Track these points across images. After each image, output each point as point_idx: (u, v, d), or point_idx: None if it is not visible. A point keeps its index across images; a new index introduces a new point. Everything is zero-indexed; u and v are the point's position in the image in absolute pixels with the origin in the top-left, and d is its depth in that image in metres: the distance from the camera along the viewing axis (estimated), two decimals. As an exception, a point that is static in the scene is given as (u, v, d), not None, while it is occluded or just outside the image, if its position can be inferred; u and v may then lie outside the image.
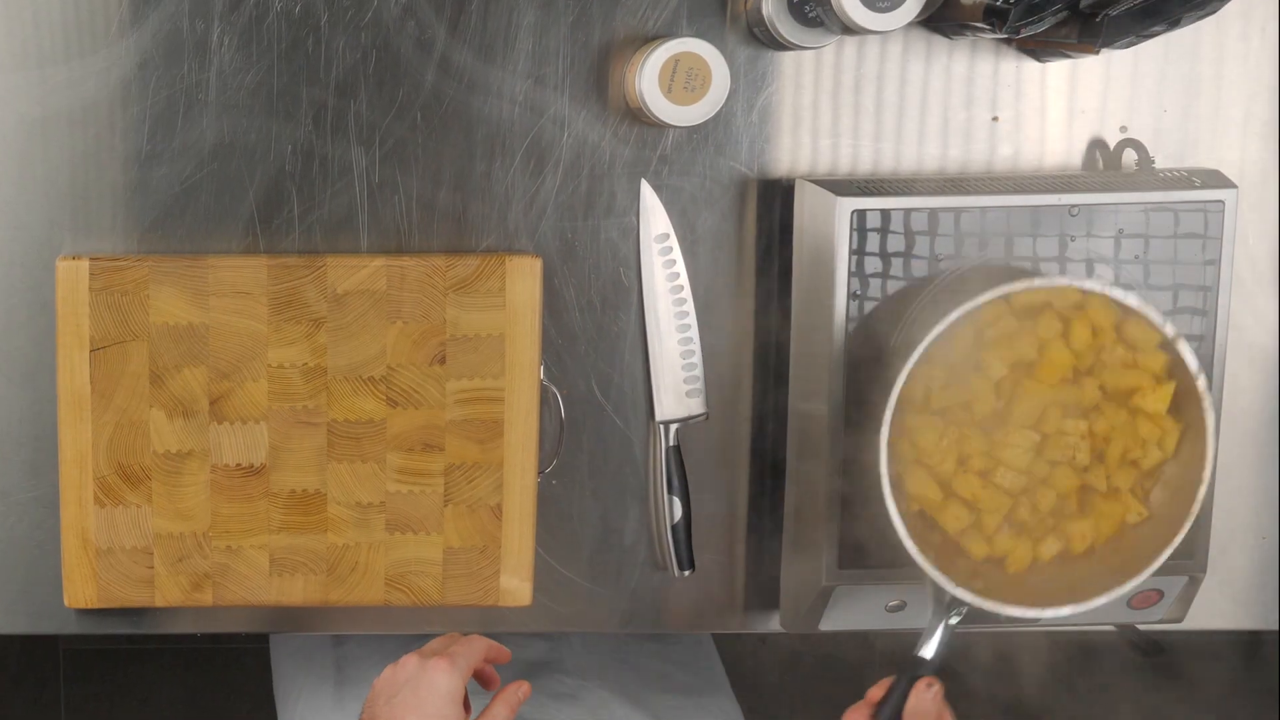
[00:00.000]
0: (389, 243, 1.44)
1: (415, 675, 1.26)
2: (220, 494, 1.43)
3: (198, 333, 1.41)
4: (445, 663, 1.27)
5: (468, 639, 1.30)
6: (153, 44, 1.40)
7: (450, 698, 1.26)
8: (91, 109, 1.41)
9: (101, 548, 1.43)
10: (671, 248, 1.46)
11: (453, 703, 1.26)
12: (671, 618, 1.51)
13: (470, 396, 1.43)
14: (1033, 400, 1.33)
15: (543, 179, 1.44)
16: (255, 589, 1.45)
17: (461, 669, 1.27)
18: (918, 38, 1.45)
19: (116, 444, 1.42)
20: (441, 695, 1.25)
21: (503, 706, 1.30)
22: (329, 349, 1.42)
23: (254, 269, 1.41)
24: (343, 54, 1.41)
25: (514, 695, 1.31)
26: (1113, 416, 1.34)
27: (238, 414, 1.42)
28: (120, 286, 1.40)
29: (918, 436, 1.33)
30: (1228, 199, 1.40)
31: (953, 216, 1.38)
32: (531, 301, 1.42)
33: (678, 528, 1.47)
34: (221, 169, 1.42)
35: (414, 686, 1.26)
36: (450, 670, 1.26)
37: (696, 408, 1.47)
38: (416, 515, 1.45)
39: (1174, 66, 1.47)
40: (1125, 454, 1.34)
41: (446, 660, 1.27)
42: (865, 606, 1.44)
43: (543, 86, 1.43)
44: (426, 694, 1.25)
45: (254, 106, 1.41)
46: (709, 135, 1.45)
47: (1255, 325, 1.51)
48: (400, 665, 1.28)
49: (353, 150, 1.42)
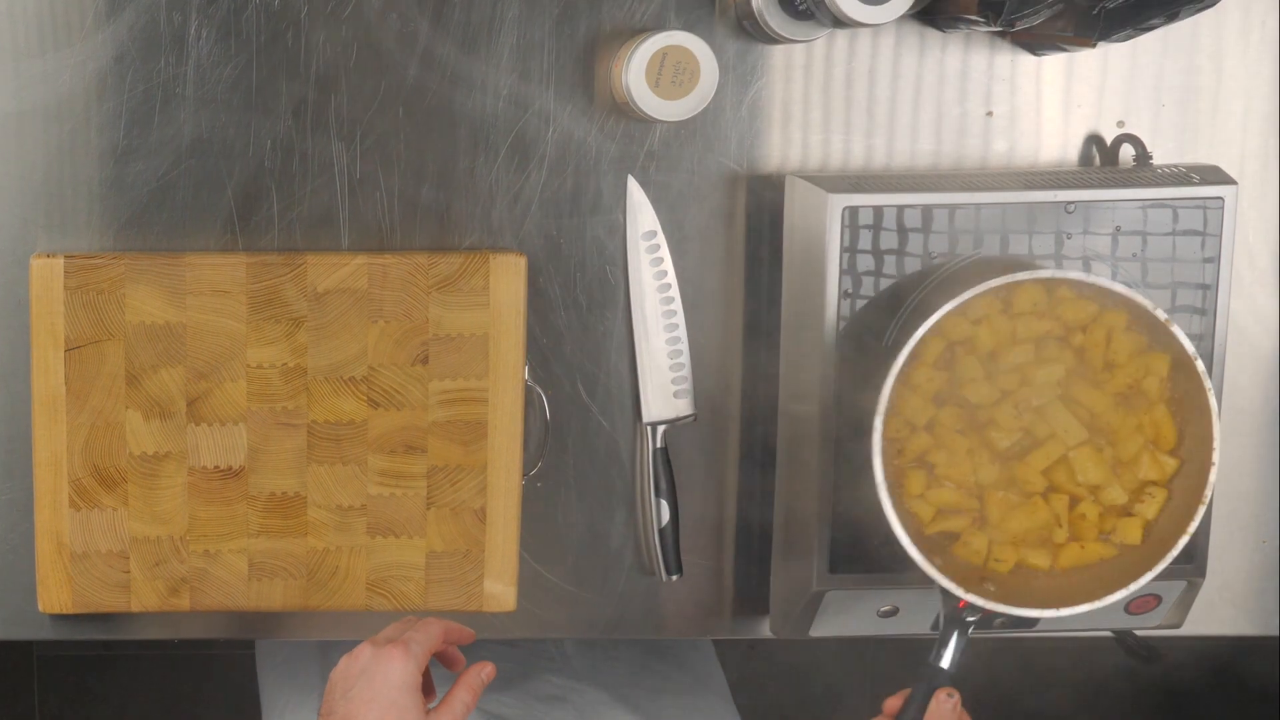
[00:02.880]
0: (370, 240, 1.43)
1: (369, 665, 1.24)
2: (198, 497, 1.42)
3: (175, 332, 1.40)
4: (399, 650, 1.24)
5: (423, 622, 1.29)
6: (129, 37, 1.39)
7: (405, 686, 1.23)
8: (67, 103, 1.40)
9: (76, 552, 1.42)
10: (659, 245, 1.45)
11: (409, 691, 1.23)
12: (659, 623, 1.50)
13: (453, 397, 1.42)
14: (1032, 397, 1.32)
15: (527, 175, 1.43)
16: (234, 594, 1.44)
17: (417, 655, 1.25)
18: (910, 31, 1.44)
19: (92, 446, 1.41)
20: (396, 685, 1.23)
21: (464, 691, 1.28)
22: (309, 349, 1.41)
23: (232, 267, 1.40)
24: (323, 47, 1.40)
25: (476, 678, 1.29)
26: (1116, 413, 1.33)
27: (216, 415, 1.41)
28: (96, 285, 1.39)
29: (913, 438, 1.32)
30: (1227, 195, 1.39)
31: (946, 213, 1.37)
32: (516, 300, 1.41)
33: (665, 531, 1.46)
34: (199, 165, 1.41)
35: (369, 677, 1.24)
36: (405, 658, 1.24)
37: (684, 409, 1.47)
38: (398, 518, 1.44)
39: (1172, 60, 1.47)
40: (1129, 451, 1.33)
41: (400, 648, 1.25)
42: (857, 612, 1.43)
43: (527, 81, 1.42)
44: (381, 684, 1.23)
45: (232, 101, 1.41)
46: (697, 130, 1.44)
47: (1255, 325, 1.50)
48: (354, 655, 1.26)
49: (333, 146, 1.42)
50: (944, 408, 1.32)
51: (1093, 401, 1.33)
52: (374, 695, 1.23)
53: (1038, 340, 1.32)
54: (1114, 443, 1.34)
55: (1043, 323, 1.32)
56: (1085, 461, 1.33)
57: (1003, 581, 1.34)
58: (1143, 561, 1.33)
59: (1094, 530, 1.34)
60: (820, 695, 2.43)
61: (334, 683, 1.26)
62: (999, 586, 1.33)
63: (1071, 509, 1.34)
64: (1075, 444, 1.33)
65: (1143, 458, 1.34)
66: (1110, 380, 1.33)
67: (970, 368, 1.32)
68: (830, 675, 2.42)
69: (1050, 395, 1.32)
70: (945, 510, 1.34)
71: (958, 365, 1.32)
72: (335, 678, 1.26)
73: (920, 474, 1.33)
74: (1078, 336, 1.32)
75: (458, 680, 1.29)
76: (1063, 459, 1.33)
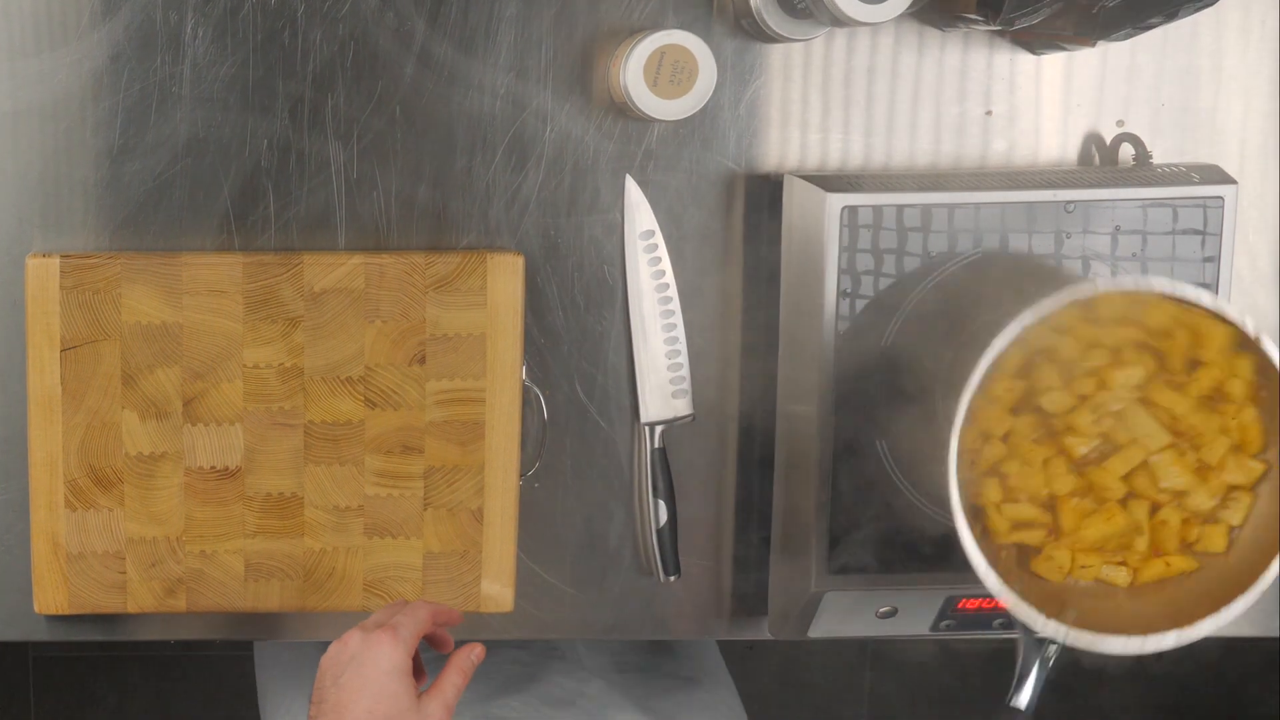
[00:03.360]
0: (367, 240, 1.43)
1: (359, 652, 1.23)
2: (194, 497, 1.41)
3: (171, 332, 1.39)
4: (388, 635, 1.24)
5: (411, 606, 1.28)
6: (125, 36, 1.39)
7: (395, 672, 1.22)
8: (63, 103, 1.40)
9: (72, 552, 1.41)
10: (657, 245, 1.44)
11: (399, 676, 1.22)
12: (657, 624, 1.50)
13: (451, 397, 1.42)
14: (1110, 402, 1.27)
15: (525, 175, 1.43)
16: (230, 595, 1.43)
17: (406, 639, 1.24)
18: (909, 30, 1.44)
19: (88, 446, 1.40)
20: (386, 670, 1.22)
21: (455, 673, 1.27)
22: (306, 349, 1.40)
23: (229, 267, 1.39)
24: (320, 46, 1.40)
25: (466, 659, 1.28)
26: (1198, 416, 1.28)
27: (212, 415, 1.41)
28: (92, 285, 1.38)
29: (986, 448, 1.28)
30: (1227, 195, 1.38)
31: (946, 213, 1.37)
32: (513, 300, 1.41)
33: (663, 532, 1.46)
34: (195, 164, 1.41)
35: (358, 664, 1.23)
36: (394, 643, 1.23)
37: (682, 409, 1.46)
38: (395, 519, 1.43)
39: (1172, 59, 1.46)
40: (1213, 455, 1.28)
41: (389, 633, 1.24)
42: (856, 613, 1.43)
43: (525, 80, 1.42)
44: (371, 671, 1.22)
45: (229, 100, 1.40)
46: (695, 130, 1.44)
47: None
48: (343, 642, 1.25)
49: (330, 145, 1.41)
50: (1020, 416, 1.28)
51: (1174, 404, 1.27)
52: (364, 682, 1.22)
53: (1116, 345, 1.28)
54: (1197, 447, 1.28)
55: (1127, 330, 1.28)
56: (1168, 466, 1.27)
57: (1083, 605, 1.28)
58: (1229, 578, 1.27)
59: (1176, 538, 1.29)
60: (820, 692, 2.43)
61: (324, 670, 1.25)
62: (1080, 612, 1.27)
63: (1152, 515, 1.29)
64: (1157, 448, 1.27)
65: (1228, 462, 1.28)
66: (1193, 383, 1.28)
67: (1048, 376, 1.27)
68: (830, 673, 2.42)
69: (1130, 399, 1.27)
70: (1020, 524, 1.29)
71: (1036, 374, 1.27)
72: (325, 665, 1.25)
73: (995, 482, 1.29)
74: (1162, 341, 1.27)
75: (448, 662, 1.28)
76: (1144, 464, 1.27)
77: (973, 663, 2.30)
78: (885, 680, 2.44)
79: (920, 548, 1.39)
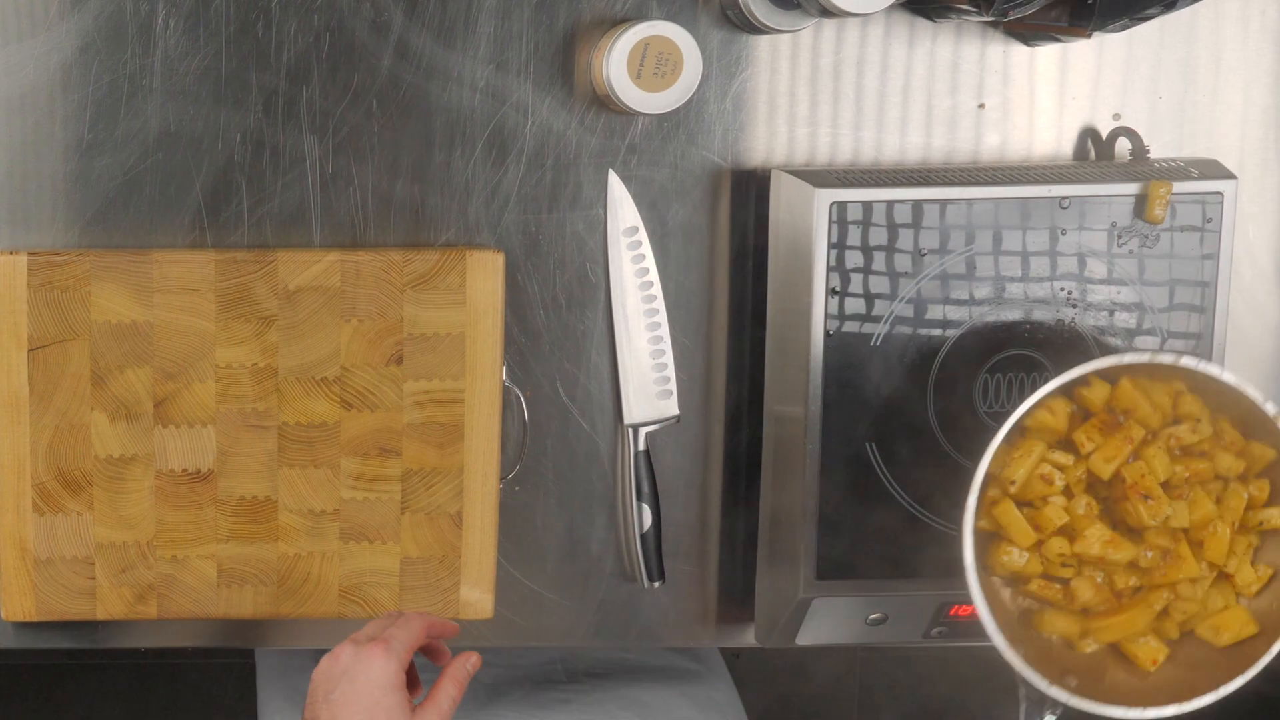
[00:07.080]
0: (343, 237, 1.42)
1: (351, 665, 1.23)
2: (165, 501, 1.40)
3: (142, 331, 1.38)
4: (381, 649, 1.23)
5: (405, 618, 1.28)
6: (94, 27, 1.38)
7: (388, 686, 1.22)
8: (30, 95, 1.39)
9: (40, 558, 1.41)
10: (640, 242, 1.44)
11: (392, 691, 1.22)
12: (641, 631, 1.49)
13: (429, 398, 1.41)
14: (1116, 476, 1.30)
15: (505, 170, 1.42)
16: (202, 601, 1.42)
17: (398, 653, 1.24)
18: (900, 20, 1.43)
19: (56, 448, 1.39)
20: (378, 685, 1.22)
21: (450, 684, 1.27)
22: (280, 348, 1.39)
23: (201, 264, 1.38)
24: (294, 38, 1.39)
25: (461, 669, 1.28)
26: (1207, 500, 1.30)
27: (184, 417, 1.40)
28: (60, 282, 1.37)
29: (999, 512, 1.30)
30: (1226, 190, 1.39)
31: (937, 209, 1.37)
32: (493, 298, 1.40)
33: (647, 536, 1.45)
34: (167, 159, 1.40)
35: (351, 678, 1.23)
36: (386, 655, 1.23)
37: (667, 410, 1.45)
38: (372, 523, 1.42)
39: (1169, 51, 1.46)
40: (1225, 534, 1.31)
41: (382, 646, 1.24)
42: (844, 620, 1.42)
43: (505, 72, 1.41)
44: (364, 684, 1.22)
45: (201, 93, 1.39)
46: (680, 123, 1.43)
47: (1255, 323, 1.49)
48: (335, 656, 1.25)
49: (305, 139, 1.40)
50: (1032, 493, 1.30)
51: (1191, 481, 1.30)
52: (356, 696, 1.22)
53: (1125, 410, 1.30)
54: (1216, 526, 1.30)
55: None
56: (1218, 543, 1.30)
57: (1084, 672, 1.30)
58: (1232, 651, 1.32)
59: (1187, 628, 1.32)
60: (811, 694, 2.42)
61: (316, 684, 1.25)
62: (1081, 679, 1.30)
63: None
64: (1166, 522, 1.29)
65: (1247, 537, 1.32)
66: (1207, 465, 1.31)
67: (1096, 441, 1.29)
68: (821, 675, 2.42)
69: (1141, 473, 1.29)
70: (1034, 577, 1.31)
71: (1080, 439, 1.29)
72: (317, 679, 1.25)
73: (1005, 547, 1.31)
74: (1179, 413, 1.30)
75: (443, 674, 1.28)
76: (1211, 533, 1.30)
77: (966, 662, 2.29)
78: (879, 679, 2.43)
79: (912, 553, 1.38)
